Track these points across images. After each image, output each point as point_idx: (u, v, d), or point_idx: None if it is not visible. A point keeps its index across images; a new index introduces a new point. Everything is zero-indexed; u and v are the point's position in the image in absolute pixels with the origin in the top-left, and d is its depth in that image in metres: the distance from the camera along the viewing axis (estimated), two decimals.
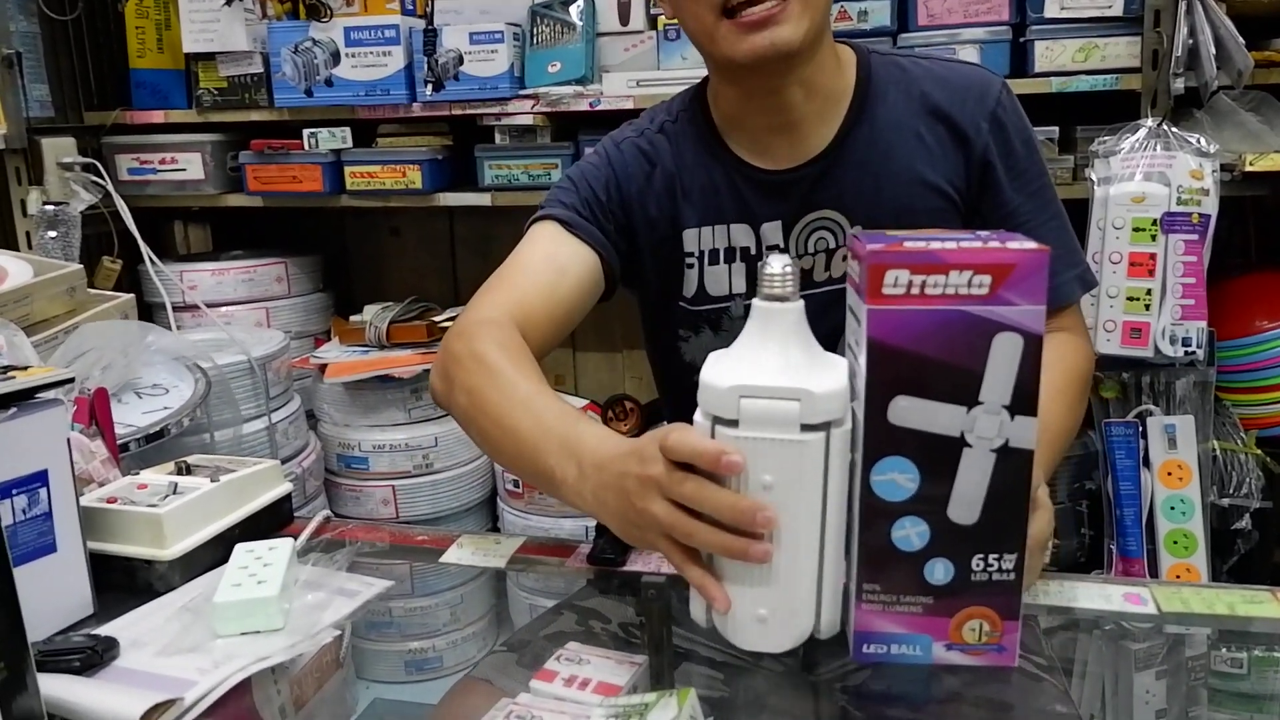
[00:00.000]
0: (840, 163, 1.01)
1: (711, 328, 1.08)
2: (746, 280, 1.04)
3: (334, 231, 2.54)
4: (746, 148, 1.03)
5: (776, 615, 0.65)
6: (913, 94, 1.01)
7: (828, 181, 1.01)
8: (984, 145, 1.00)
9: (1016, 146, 1.01)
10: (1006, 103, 1.01)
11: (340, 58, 2.06)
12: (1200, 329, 1.67)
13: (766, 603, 0.65)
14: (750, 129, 1.03)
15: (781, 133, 1.01)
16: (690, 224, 1.05)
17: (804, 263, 1.02)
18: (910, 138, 1.00)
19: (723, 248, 1.04)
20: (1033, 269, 0.61)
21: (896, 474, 0.64)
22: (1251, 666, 0.81)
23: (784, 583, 0.64)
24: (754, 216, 1.03)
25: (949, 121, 1.00)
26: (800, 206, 1.02)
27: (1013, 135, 1.01)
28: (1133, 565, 1.74)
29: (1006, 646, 0.67)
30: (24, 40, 2.10)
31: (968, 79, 1.02)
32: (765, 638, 0.66)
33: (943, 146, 1.00)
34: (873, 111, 1.01)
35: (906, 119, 1.01)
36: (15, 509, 0.76)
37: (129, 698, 0.67)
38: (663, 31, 1.98)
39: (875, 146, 1.00)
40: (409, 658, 2.17)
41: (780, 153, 1.02)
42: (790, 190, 1.02)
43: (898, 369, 0.63)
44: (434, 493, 2.12)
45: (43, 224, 2.00)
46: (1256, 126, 1.74)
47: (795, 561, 0.64)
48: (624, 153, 1.07)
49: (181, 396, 1.44)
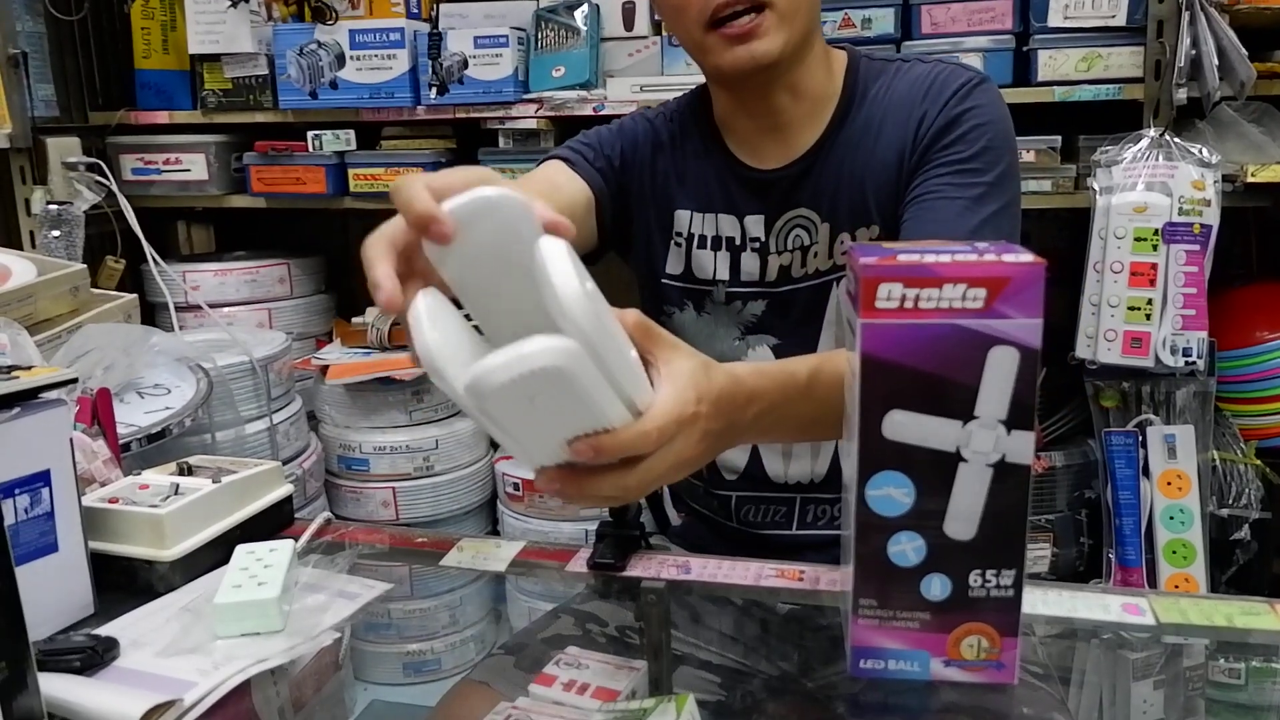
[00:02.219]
0: (819, 164, 1.04)
1: (695, 308, 1.11)
2: (729, 268, 1.08)
3: (337, 233, 2.55)
4: (739, 146, 1.08)
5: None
6: (889, 93, 1.03)
7: (806, 182, 1.04)
8: (928, 133, 0.99)
9: (964, 134, 0.98)
10: (969, 96, 0.99)
11: (345, 60, 2.07)
12: (1201, 339, 1.67)
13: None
14: (742, 130, 1.07)
15: (770, 133, 1.05)
16: (683, 206, 1.10)
17: (783, 259, 1.06)
18: (881, 138, 1.02)
19: (710, 235, 1.09)
20: (1028, 282, 0.61)
21: (892, 489, 0.64)
22: (1249, 677, 0.81)
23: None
24: (740, 210, 1.07)
25: (909, 115, 1.01)
26: (781, 204, 1.06)
27: (961, 125, 0.98)
28: (1131, 575, 1.74)
29: (1006, 663, 0.67)
30: (30, 40, 2.11)
31: (940, 74, 1.02)
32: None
33: (895, 143, 1.01)
34: (855, 114, 1.04)
35: (879, 119, 1.02)
36: (17, 508, 0.76)
37: (129, 698, 0.67)
38: (667, 37, 1.99)
39: (851, 148, 1.03)
40: (407, 660, 2.17)
41: (769, 152, 1.06)
42: (773, 188, 1.06)
43: (892, 383, 0.63)
44: (434, 495, 2.13)
45: (46, 223, 2.01)
46: (1259, 138, 1.75)
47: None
48: (637, 125, 1.13)
49: (183, 397, 1.44)
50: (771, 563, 0.92)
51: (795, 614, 0.89)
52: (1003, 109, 1.01)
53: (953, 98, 0.99)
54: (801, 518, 1.11)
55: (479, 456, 2.19)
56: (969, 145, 0.97)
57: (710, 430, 0.68)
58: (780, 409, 0.78)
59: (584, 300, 0.54)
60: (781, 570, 0.90)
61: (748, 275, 1.08)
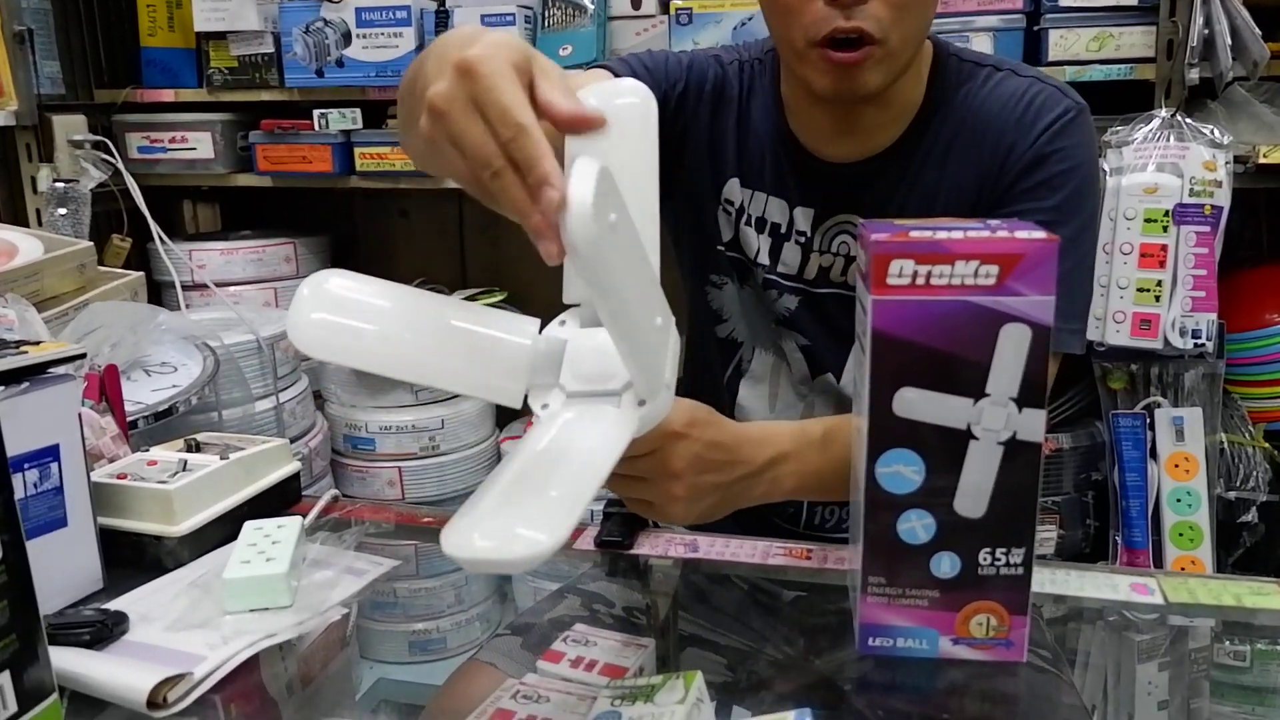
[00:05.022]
0: (890, 170, 0.98)
1: (740, 282, 1.06)
2: (769, 254, 1.03)
3: (343, 213, 2.54)
4: (804, 130, 1.01)
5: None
6: (979, 107, 0.96)
7: (870, 186, 0.99)
8: (1014, 167, 0.94)
9: (1050, 179, 0.94)
10: (1062, 133, 0.93)
11: (351, 38, 2.06)
12: (1210, 321, 1.66)
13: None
14: (811, 118, 1.00)
15: (844, 135, 0.99)
16: (735, 175, 1.03)
17: (824, 259, 1.01)
18: (964, 158, 0.96)
19: (756, 215, 1.03)
20: (1041, 258, 0.60)
21: (902, 466, 0.64)
22: (1254, 660, 0.81)
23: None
24: (791, 198, 1.01)
25: (998, 141, 0.95)
26: (835, 203, 1.00)
27: (1050, 167, 0.93)
28: (1138, 557, 1.74)
29: (1014, 641, 0.67)
30: (35, 17, 2.10)
31: (1035, 98, 0.95)
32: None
33: (977, 166, 0.96)
34: (937, 125, 0.97)
35: (964, 136, 0.96)
36: (27, 483, 0.76)
37: (139, 671, 0.67)
38: (675, 16, 1.97)
39: (928, 161, 0.97)
40: (413, 639, 2.18)
41: (837, 145, 0.99)
42: (832, 183, 1.00)
43: (903, 360, 0.63)
44: (440, 475, 2.13)
45: (53, 201, 2.01)
46: (1271, 118, 1.73)
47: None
48: (708, 66, 1.03)
49: (190, 375, 1.44)
50: (779, 541, 0.92)
51: (803, 592, 0.89)
52: (1093, 147, 0.97)
53: (1045, 133, 0.93)
54: (809, 519, 1.10)
55: (484, 436, 2.19)
56: (1054, 192, 0.93)
57: (704, 458, 0.75)
58: (793, 459, 0.83)
59: (589, 223, 0.49)
60: (789, 549, 0.90)
61: (785, 267, 1.03)
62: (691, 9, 1.95)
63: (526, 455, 0.55)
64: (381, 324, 0.61)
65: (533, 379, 0.61)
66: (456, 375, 0.62)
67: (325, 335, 0.59)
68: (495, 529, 0.49)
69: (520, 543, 0.47)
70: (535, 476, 0.53)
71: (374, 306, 0.62)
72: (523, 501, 0.51)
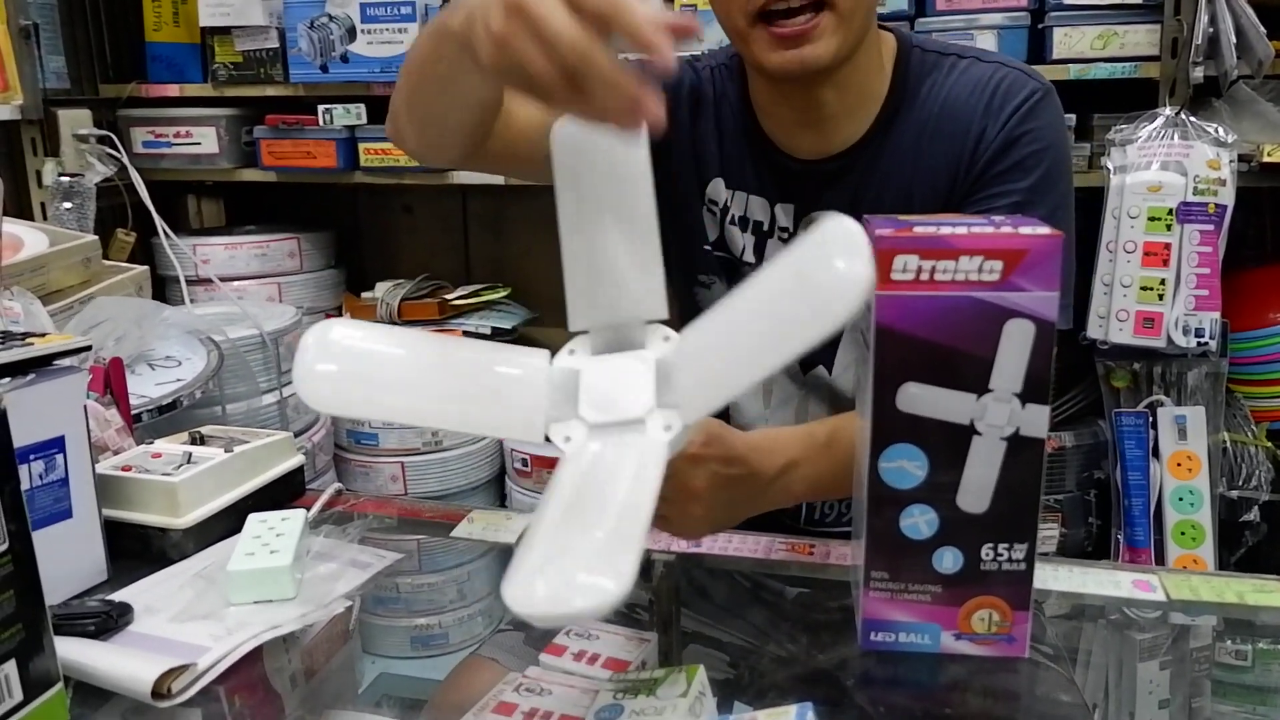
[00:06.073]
0: (861, 164, 0.98)
1: (727, 282, 1.06)
2: (754, 252, 1.04)
3: (347, 208, 2.55)
4: (775, 130, 1.01)
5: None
6: (946, 95, 0.96)
7: (844, 181, 0.99)
8: (986, 152, 0.94)
9: (1021, 160, 0.94)
10: (1031, 114, 0.94)
11: (356, 33, 2.06)
12: (1213, 320, 1.66)
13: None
14: (778, 116, 1.01)
15: (809, 126, 0.99)
16: (718, 176, 1.03)
17: None
18: (934, 146, 0.96)
19: (739, 214, 1.04)
20: (1045, 254, 0.61)
21: (905, 461, 0.64)
22: (1256, 659, 0.81)
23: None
24: (771, 196, 1.02)
25: (968, 128, 0.95)
26: (813, 198, 1.00)
27: (1021, 149, 0.94)
28: (1140, 555, 1.74)
29: (1017, 637, 0.67)
30: (41, 12, 2.10)
31: (1002, 82, 0.95)
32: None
33: (948, 156, 0.96)
34: (904, 115, 0.97)
35: (933, 125, 0.96)
36: (32, 474, 0.77)
37: (143, 662, 0.67)
38: (678, 12, 1.97)
39: (899, 153, 0.97)
40: (415, 634, 2.18)
41: (806, 142, 1.00)
42: (807, 180, 1.00)
43: (906, 355, 0.63)
44: (443, 470, 2.13)
45: (58, 195, 2.01)
46: (1276, 117, 1.73)
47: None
48: (683, 69, 1.03)
49: (194, 369, 1.45)
50: (781, 537, 0.92)
51: (804, 587, 0.89)
52: (1062, 126, 0.97)
53: (1013, 116, 0.93)
54: (810, 514, 1.10)
55: None
56: (1026, 174, 0.93)
57: (722, 475, 0.75)
58: (803, 465, 0.83)
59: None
60: (791, 544, 0.90)
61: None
62: (695, 4, 1.95)
63: (567, 496, 0.55)
64: (390, 372, 0.60)
65: (550, 413, 0.60)
66: (473, 418, 0.62)
67: (334, 388, 0.58)
68: (557, 580, 0.48)
69: (587, 592, 0.46)
70: (582, 518, 0.53)
71: (380, 354, 0.61)
72: (576, 547, 0.50)
